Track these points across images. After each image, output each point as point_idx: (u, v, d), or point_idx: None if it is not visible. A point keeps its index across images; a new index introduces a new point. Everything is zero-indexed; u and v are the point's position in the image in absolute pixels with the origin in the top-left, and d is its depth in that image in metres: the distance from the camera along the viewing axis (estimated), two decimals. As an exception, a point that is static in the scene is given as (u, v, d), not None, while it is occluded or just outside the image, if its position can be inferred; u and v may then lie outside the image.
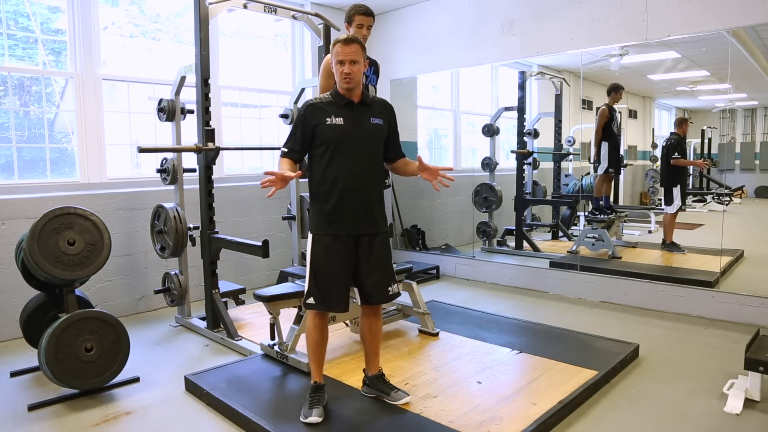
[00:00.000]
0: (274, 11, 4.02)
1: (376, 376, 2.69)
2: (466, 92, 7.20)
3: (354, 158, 2.44)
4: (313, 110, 2.48)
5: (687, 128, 5.30)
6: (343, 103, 2.48)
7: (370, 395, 2.70)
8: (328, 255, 2.45)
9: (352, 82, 2.42)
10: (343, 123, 2.44)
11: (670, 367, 3.17)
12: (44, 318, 3.11)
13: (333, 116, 2.44)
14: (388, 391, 2.64)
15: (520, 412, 2.50)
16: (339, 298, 2.47)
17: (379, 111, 2.57)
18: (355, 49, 2.41)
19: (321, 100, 2.53)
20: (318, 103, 2.50)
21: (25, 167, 4.17)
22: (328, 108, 2.47)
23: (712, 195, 5.91)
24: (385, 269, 2.55)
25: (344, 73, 2.41)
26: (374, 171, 2.52)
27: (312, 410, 2.46)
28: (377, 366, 2.70)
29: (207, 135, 3.68)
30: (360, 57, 2.43)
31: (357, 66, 2.42)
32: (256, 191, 5.29)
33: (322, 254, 2.46)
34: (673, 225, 5.24)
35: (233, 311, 4.17)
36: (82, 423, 2.61)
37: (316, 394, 2.55)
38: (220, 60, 5.17)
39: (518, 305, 4.60)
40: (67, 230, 2.81)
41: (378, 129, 2.54)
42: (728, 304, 3.98)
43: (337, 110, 2.46)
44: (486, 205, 6.37)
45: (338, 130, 2.44)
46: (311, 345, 2.58)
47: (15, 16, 4.09)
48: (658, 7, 4.19)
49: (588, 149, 5.89)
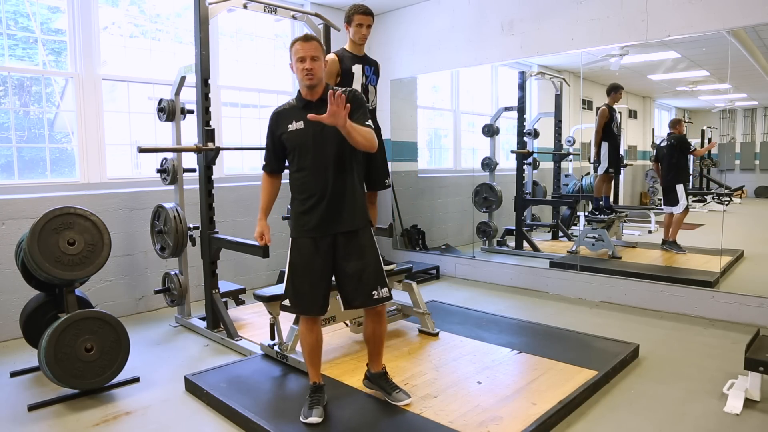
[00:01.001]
0: (274, 11, 4.02)
1: (379, 373, 2.68)
2: (466, 92, 7.20)
3: (319, 158, 2.40)
4: (277, 119, 2.51)
5: (682, 128, 5.32)
6: (302, 104, 2.46)
7: (370, 389, 2.72)
8: (304, 257, 2.45)
9: (314, 78, 2.39)
10: (303, 126, 2.42)
11: (670, 367, 3.17)
12: (44, 318, 3.11)
13: (294, 121, 2.44)
14: (389, 390, 2.63)
15: (520, 412, 2.50)
16: (314, 301, 2.45)
17: None
18: (315, 46, 2.40)
19: (285, 105, 2.53)
20: (281, 110, 2.52)
21: (25, 167, 4.17)
22: (291, 113, 2.47)
23: (712, 195, 5.91)
24: (366, 270, 2.44)
25: (305, 70, 2.37)
26: (343, 167, 2.44)
27: (312, 410, 2.45)
28: (380, 364, 2.68)
29: (207, 135, 3.68)
30: (320, 54, 2.41)
31: (318, 63, 2.40)
32: (256, 191, 5.29)
33: (298, 256, 2.46)
34: (680, 225, 5.22)
35: (233, 311, 4.17)
36: (82, 423, 2.61)
37: (315, 394, 2.54)
38: (220, 60, 5.17)
39: (518, 305, 4.60)
40: (67, 230, 2.81)
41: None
42: (728, 304, 3.98)
43: (298, 114, 2.44)
44: (486, 205, 6.37)
45: (300, 135, 2.42)
46: (306, 348, 2.58)
47: (15, 16, 4.09)
48: (658, 7, 4.19)
49: (588, 149, 5.89)
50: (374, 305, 2.49)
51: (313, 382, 2.59)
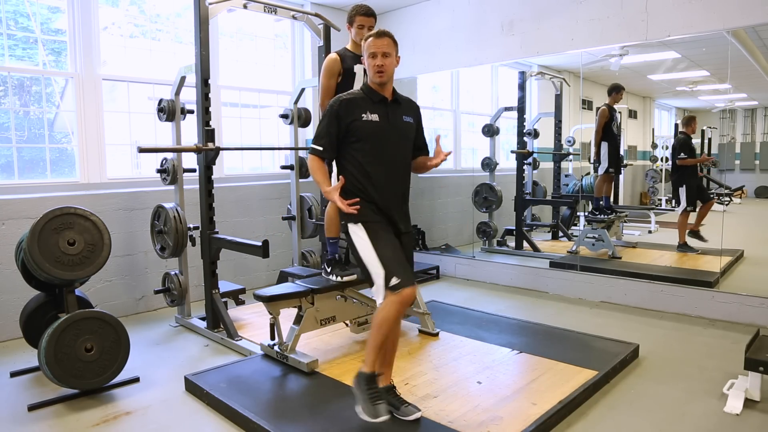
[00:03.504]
0: (274, 11, 4.02)
1: (386, 388, 2.49)
2: (466, 92, 7.20)
3: (389, 156, 2.41)
4: (347, 105, 2.40)
5: (695, 127, 5.28)
6: (377, 99, 2.42)
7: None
8: (386, 234, 2.36)
9: (384, 75, 2.37)
10: (378, 120, 2.39)
11: (670, 367, 3.17)
12: (44, 318, 3.11)
13: (368, 112, 2.38)
14: (398, 405, 2.46)
15: (520, 412, 2.50)
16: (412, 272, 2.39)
17: (409, 109, 2.55)
18: (388, 42, 2.37)
19: (353, 95, 2.46)
20: (351, 98, 2.42)
21: (25, 167, 4.17)
22: (363, 103, 2.40)
23: (712, 195, 5.91)
24: (412, 267, 2.52)
25: (377, 66, 2.35)
26: (406, 169, 2.51)
27: (378, 407, 2.21)
28: (389, 378, 2.54)
29: (207, 135, 3.68)
30: (392, 50, 2.39)
31: (389, 59, 2.37)
32: (256, 191, 5.30)
33: (380, 235, 2.33)
34: (685, 226, 5.21)
35: (233, 311, 4.17)
36: (82, 423, 2.61)
37: (375, 386, 2.30)
38: (220, 60, 5.17)
39: (518, 305, 4.60)
40: (67, 230, 2.81)
41: (409, 127, 2.51)
42: (728, 304, 3.98)
43: (372, 106, 2.40)
44: (486, 205, 6.37)
45: (375, 127, 2.38)
46: (385, 332, 2.25)
47: (15, 16, 4.09)
48: (658, 7, 4.19)
49: (588, 149, 5.89)
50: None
51: (371, 371, 2.31)
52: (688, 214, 5.19)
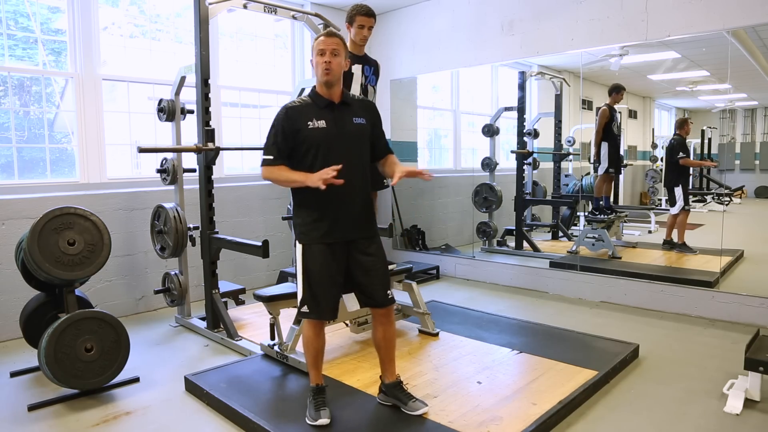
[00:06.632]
0: (274, 11, 4.02)
1: (393, 383, 2.56)
2: (466, 92, 7.20)
3: (341, 161, 2.28)
4: (292, 114, 2.36)
5: (689, 128, 5.30)
6: (323, 104, 2.37)
7: (387, 404, 2.58)
8: (320, 264, 2.36)
9: (331, 74, 2.32)
10: (326, 126, 2.33)
11: (670, 367, 3.17)
12: (44, 318, 3.11)
13: (314, 119, 2.33)
14: (405, 400, 2.51)
15: (520, 412, 2.50)
16: (331, 306, 2.41)
17: (361, 110, 2.47)
18: (338, 42, 2.35)
19: (299, 102, 2.42)
20: (296, 106, 2.39)
21: (25, 167, 4.17)
22: (308, 111, 2.36)
23: (712, 195, 5.91)
24: (383, 273, 2.48)
25: (324, 62, 2.31)
26: (361, 173, 2.42)
27: (320, 412, 2.41)
28: (394, 373, 2.57)
29: (207, 135, 3.68)
30: (342, 51, 2.36)
31: (338, 59, 2.34)
32: (256, 191, 5.30)
33: (314, 263, 2.36)
34: (684, 226, 5.22)
35: (233, 311, 4.17)
36: (82, 423, 2.61)
37: (319, 396, 2.49)
38: (220, 60, 5.17)
39: (518, 305, 4.60)
40: (67, 230, 2.81)
41: (361, 129, 2.43)
42: (728, 304, 3.98)
43: (318, 112, 2.35)
44: (486, 205, 6.37)
45: (322, 134, 2.33)
46: (311, 352, 2.50)
47: (15, 16, 4.09)
48: (658, 7, 4.19)
49: (588, 149, 5.89)
50: (388, 305, 2.49)
51: (315, 384, 2.53)
52: (687, 213, 5.19)
